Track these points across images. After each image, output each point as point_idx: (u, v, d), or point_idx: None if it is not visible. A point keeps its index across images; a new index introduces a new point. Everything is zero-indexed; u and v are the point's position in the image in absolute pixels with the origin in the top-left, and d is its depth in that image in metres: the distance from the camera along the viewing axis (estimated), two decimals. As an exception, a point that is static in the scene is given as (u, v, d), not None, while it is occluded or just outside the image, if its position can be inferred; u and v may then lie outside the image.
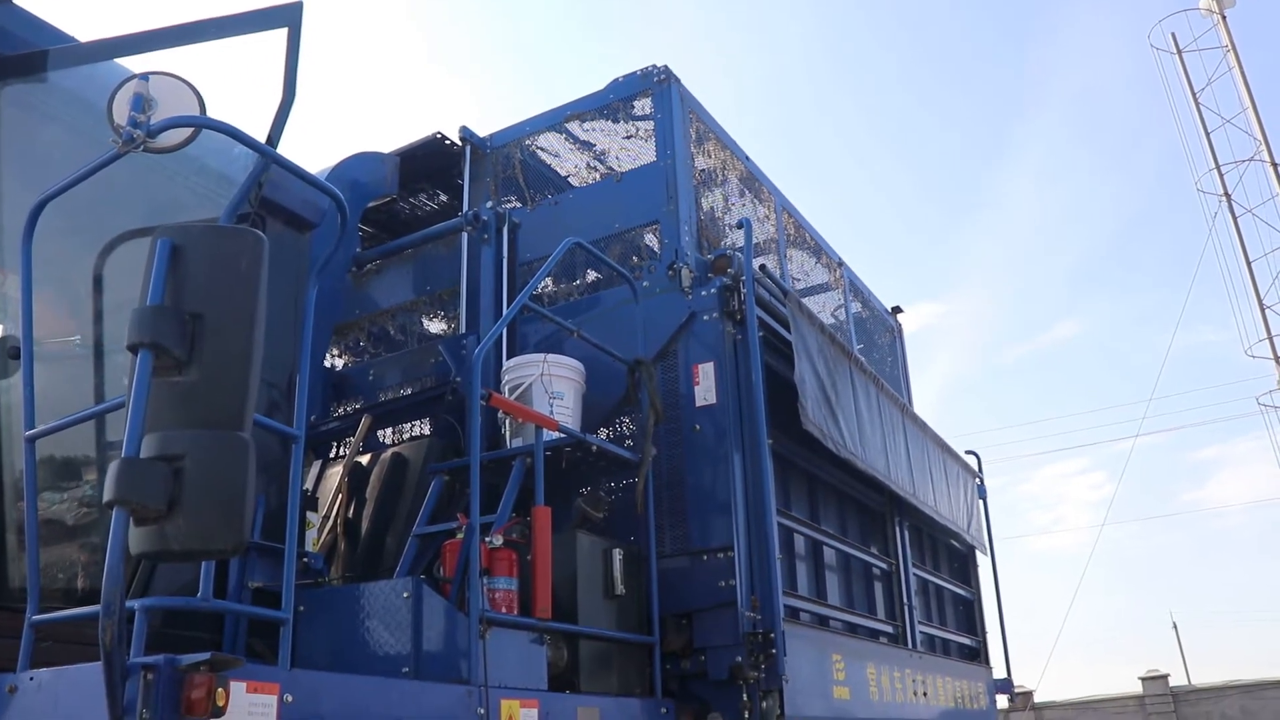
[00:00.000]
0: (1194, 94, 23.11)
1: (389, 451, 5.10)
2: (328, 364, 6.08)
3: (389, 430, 5.67)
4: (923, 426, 7.29)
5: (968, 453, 8.66)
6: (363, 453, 5.18)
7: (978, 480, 8.65)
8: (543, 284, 5.76)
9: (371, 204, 5.94)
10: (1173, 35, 23.70)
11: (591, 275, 5.81)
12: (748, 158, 6.61)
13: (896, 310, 9.11)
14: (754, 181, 6.68)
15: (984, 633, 8.42)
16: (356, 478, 4.94)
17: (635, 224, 5.57)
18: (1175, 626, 43.46)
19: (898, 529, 7.01)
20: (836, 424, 5.43)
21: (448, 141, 6.11)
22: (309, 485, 4.99)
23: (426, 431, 5.50)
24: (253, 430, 2.37)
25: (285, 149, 3.24)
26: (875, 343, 8.44)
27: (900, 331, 9.10)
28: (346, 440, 5.45)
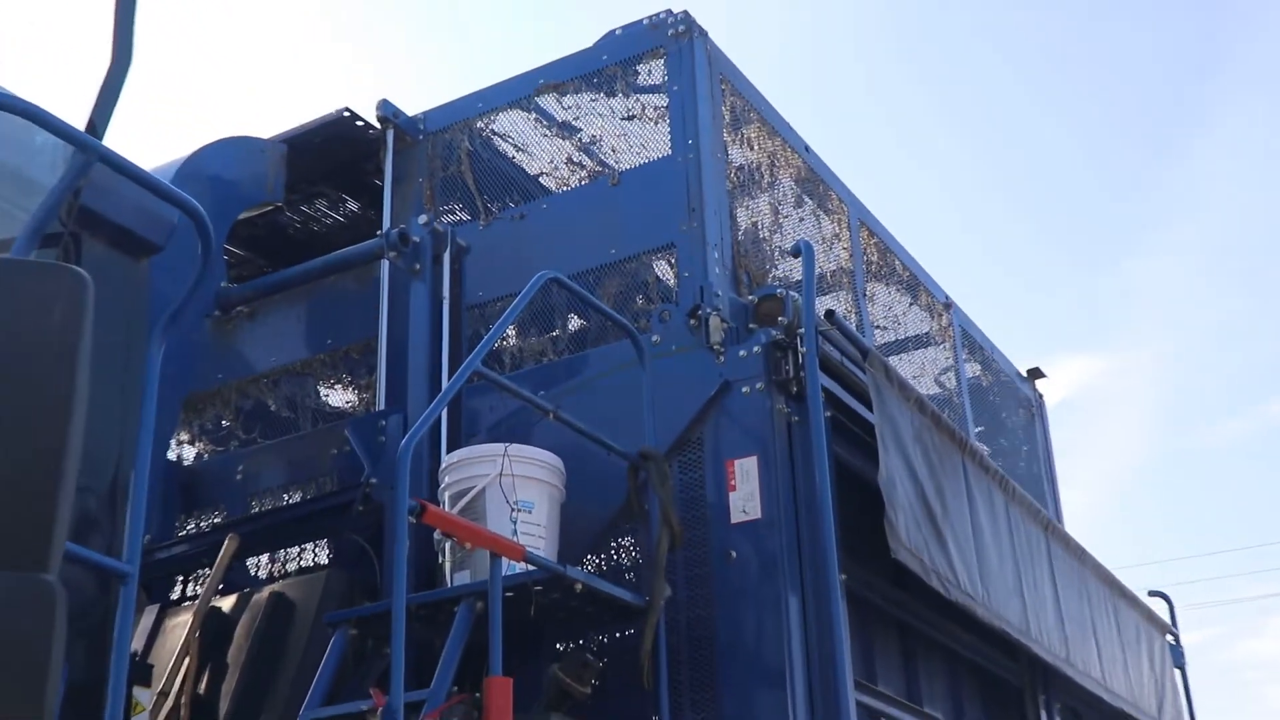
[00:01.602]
0: None
1: (266, 591, 5.09)
2: (173, 455, 6.09)
3: (265, 558, 5.69)
4: (1079, 554, 7.25)
5: (1152, 594, 8.66)
6: (224, 593, 5.15)
7: (1170, 638, 8.61)
8: (503, 338, 5.80)
9: (246, 215, 5.93)
10: None
11: (576, 325, 5.86)
12: (808, 148, 6.64)
13: (1035, 374, 9.13)
14: (818, 184, 6.71)
15: None
16: (214, 631, 4.91)
17: (641, 249, 5.64)
18: None
19: (1045, 713, 6.94)
20: (944, 551, 5.38)
21: (360, 123, 6.15)
22: (139, 645, 4.97)
23: (323, 561, 5.50)
24: (62, 567, 2.33)
25: (116, 140, 3.25)
26: (1003, 424, 8.44)
27: (1041, 406, 9.10)
28: (200, 573, 5.43)
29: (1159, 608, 8.58)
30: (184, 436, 6.26)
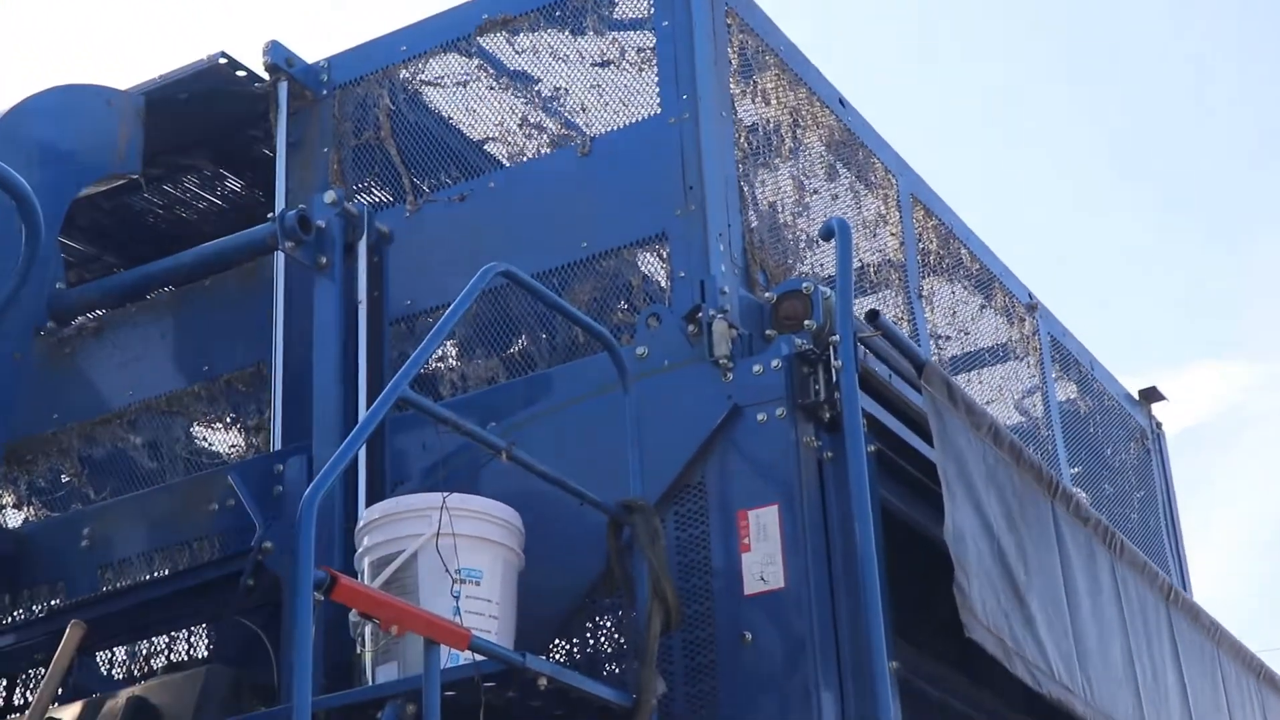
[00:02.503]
0: None
1: (123, 696, 4.99)
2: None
3: (122, 652, 5.63)
4: (1213, 630, 7.21)
5: None
6: (66, 699, 5.06)
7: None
8: (441, 357, 5.76)
9: (88, 193, 5.90)
10: None
11: (538, 340, 5.80)
12: (844, 101, 6.61)
13: (1150, 397, 9.14)
14: (857, 149, 6.69)
15: None
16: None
17: (622, 240, 5.61)
18: None
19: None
20: (1030, 628, 5.30)
21: (242, 73, 6.14)
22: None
23: (201, 654, 5.48)
24: None
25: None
26: (1107, 462, 8.41)
27: (1159, 438, 9.14)
28: (34, 670, 5.43)
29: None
30: (8, 494, 6.23)
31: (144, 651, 5.59)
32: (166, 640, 5.55)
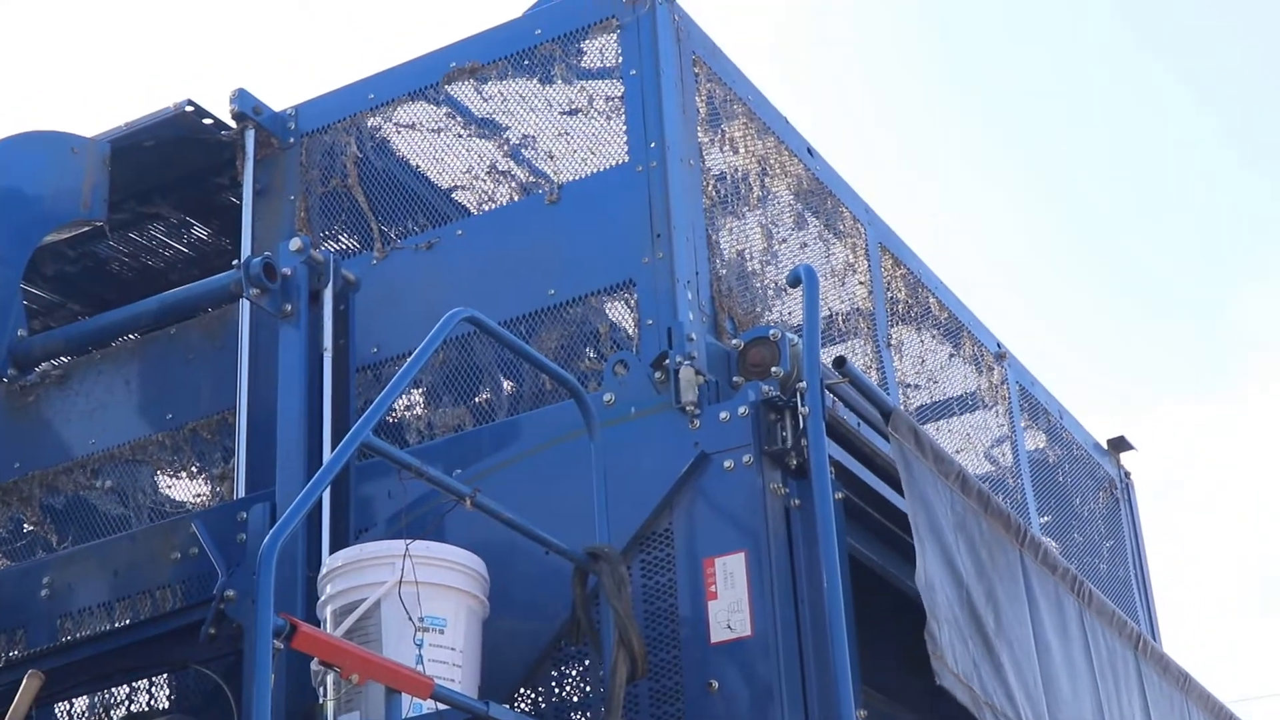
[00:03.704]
0: None
1: None
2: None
3: (82, 703, 5.58)
4: (1182, 681, 7.19)
5: None
6: None
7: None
8: (408, 405, 5.76)
9: (52, 240, 5.89)
10: None
11: (504, 386, 5.81)
12: (812, 151, 6.65)
13: (1119, 446, 9.13)
14: (825, 198, 6.72)
15: None
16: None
17: (589, 288, 5.62)
18: None
19: None
20: (999, 677, 5.27)
21: (209, 120, 6.14)
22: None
23: (163, 704, 5.44)
24: None
25: None
26: (1075, 511, 8.41)
27: (1128, 488, 9.13)
28: None
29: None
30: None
31: (103, 703, 5.54)
32: (127, 690, 5.51)
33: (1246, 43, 29.88)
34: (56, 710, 5.53)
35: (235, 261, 5.71)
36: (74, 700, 5.56)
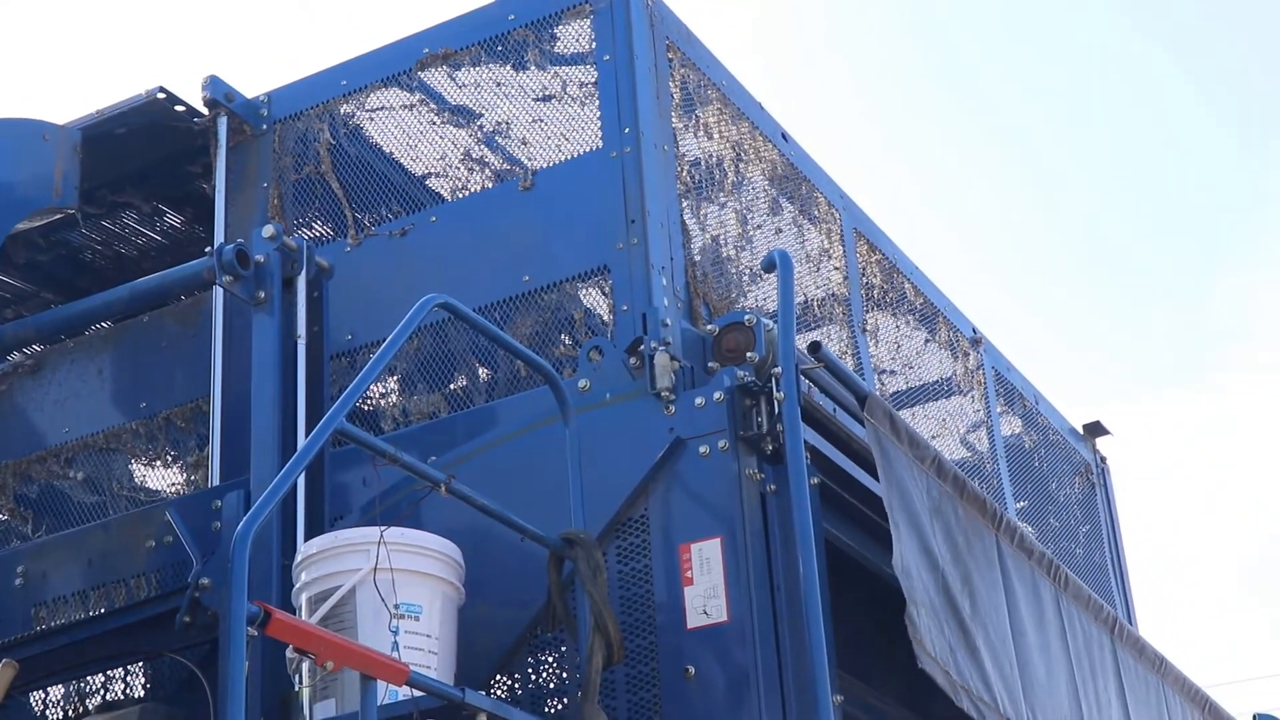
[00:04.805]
0: None
1: None
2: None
3: (57, 691, 5.57)
4: (1158, 664, 7.23)
5: (1260, 718, 8.62)
6: None
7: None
8: (382, 393, 5.77)
9: (23, 228, 5.89)
10: None
11: (479, 372, 5.81)
12: (786, 136, 6.64)
13: (1095, 431, 9.17)
14: (800, 183, 6.72)
15: None
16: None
17: (563, 274, 5.63)
18: None
19: None
20: (975, 661, 5.29)
21: (181, 108, 6.13)
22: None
23: (137, 693, 5.42)
24: None
25: None
26: (1052, 495, 8.44)
27: (1104, 472, 9.16)
28: None
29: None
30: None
31: (77, 691, 5.53)
32: (102, 680, 5.50)
33: (1230, 29, 30.11)
34: (31, 699, 5.53)
35: (208, 249, 5.67)
36: (49, 689, 5.57)
